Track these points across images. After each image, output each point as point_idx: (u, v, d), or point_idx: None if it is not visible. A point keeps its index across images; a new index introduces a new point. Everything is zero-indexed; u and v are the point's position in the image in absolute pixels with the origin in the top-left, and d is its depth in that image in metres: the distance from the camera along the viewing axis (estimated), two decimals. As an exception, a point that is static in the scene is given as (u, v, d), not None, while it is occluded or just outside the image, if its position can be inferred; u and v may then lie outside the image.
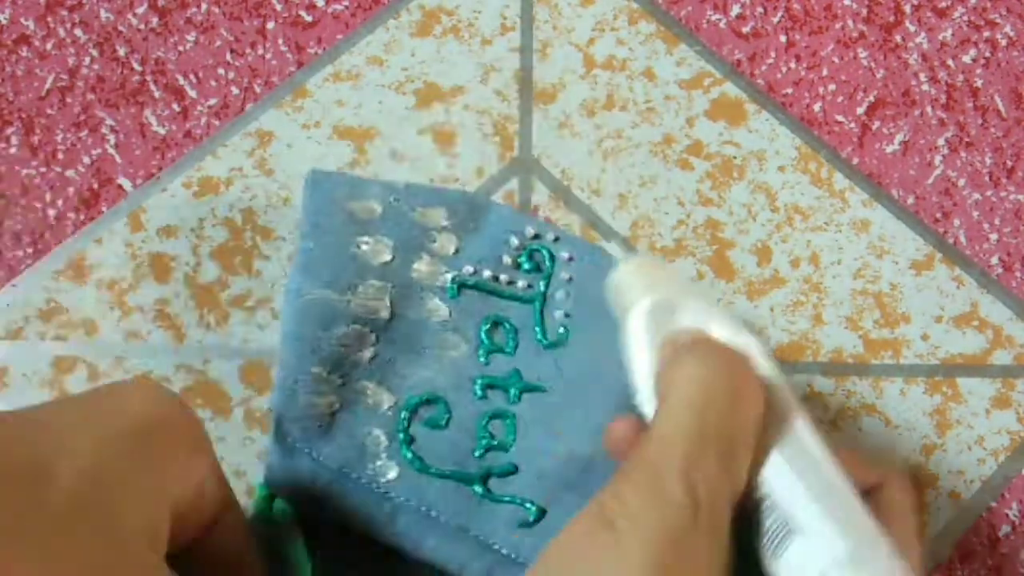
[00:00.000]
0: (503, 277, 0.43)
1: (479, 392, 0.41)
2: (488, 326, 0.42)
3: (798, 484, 0.24)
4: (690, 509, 0.21)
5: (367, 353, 0.41)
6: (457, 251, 0.43)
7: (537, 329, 0.42)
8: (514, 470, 0.40)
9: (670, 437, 0.23)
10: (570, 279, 0.43)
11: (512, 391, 0.41)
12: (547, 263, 0.43)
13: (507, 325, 0.42)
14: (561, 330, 0.42)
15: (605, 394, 0.40)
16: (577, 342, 0.42)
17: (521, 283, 0.43)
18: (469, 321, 0.42)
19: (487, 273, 0.43)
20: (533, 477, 0.40)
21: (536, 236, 0.44)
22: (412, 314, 0.42)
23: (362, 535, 0.40)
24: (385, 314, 0.42)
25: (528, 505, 0.40)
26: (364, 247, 0.42)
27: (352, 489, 0.40)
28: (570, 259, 0.43)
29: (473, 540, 0.39)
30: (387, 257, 0.42)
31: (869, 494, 0.27)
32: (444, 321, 0.42)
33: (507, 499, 0.40)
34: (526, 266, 0.43)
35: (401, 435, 0.40)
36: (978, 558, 0.42)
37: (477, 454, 0.40)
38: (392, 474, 0.40)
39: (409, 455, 0.40)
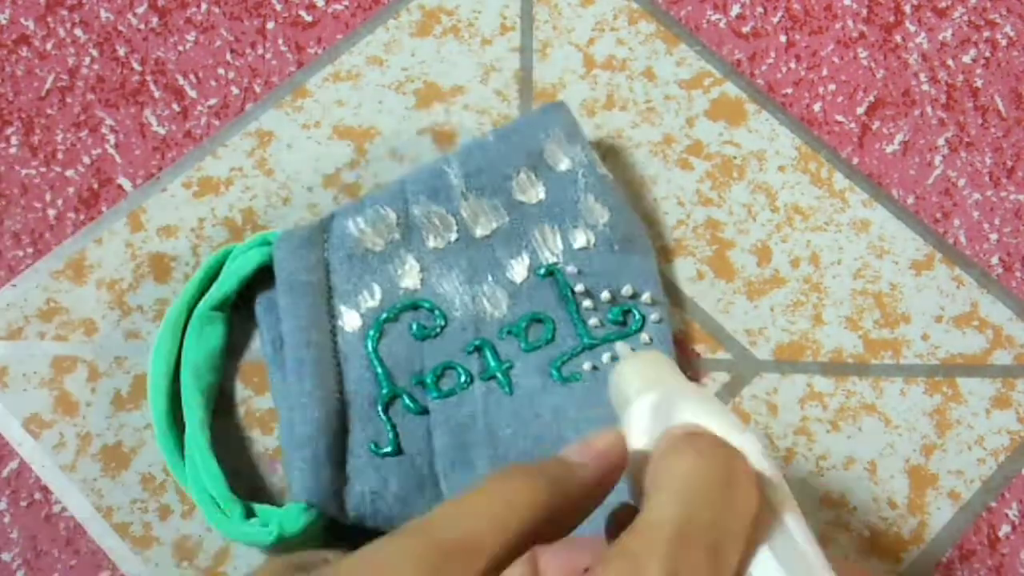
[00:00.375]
0: (587, 303, 0.43)
1: (470, 347, 0.42)
2: (534, 320, 0.43)
3: None
4: None
5: (437, 242, 0.43)
6: (583, 249, 0.43)
7: (562, 358, 0.42)
8: (418, 413, 0.41)
9: (655, 526, 0.22)
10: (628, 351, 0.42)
11: (490, 369, 0.42)
12: (633, 328, 0.43)
13: (547, 333, 0.42)
14: (575, 373, 0.42)
15: (527, 442, 0.40)
16: (574, 392, 0.42)
17: (594, 321, 0.43)
18: (527, 302, 0.43)
19: (581, 287, 0.43)
20: (422, 429, 0.41)
21: (652, 303, 0.43)
22: (499, 251, 0.43)
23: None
24: (480, 232, 0.43)
25: (392, 436, 0.40)
26: (522, 176, 0.44)
27: (313, 299, 0.42)
28: (648, 343, 0.43)
29: (331, 414, 0.40)
30: (532, 200, 0.44)
31: None
32: (512, 282, 0.43)
33: (387, 421, 0.40)
34: (613, 314, 0.43)
35: (387, 313, 0.42)
36: (978, 558, 0.42)
37: (413, 379, 0.41)
38: (350, 326, 0.42)
39: (375, 331, 0.42)
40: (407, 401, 0.41)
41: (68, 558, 0.41)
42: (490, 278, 0.43)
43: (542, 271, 0.43)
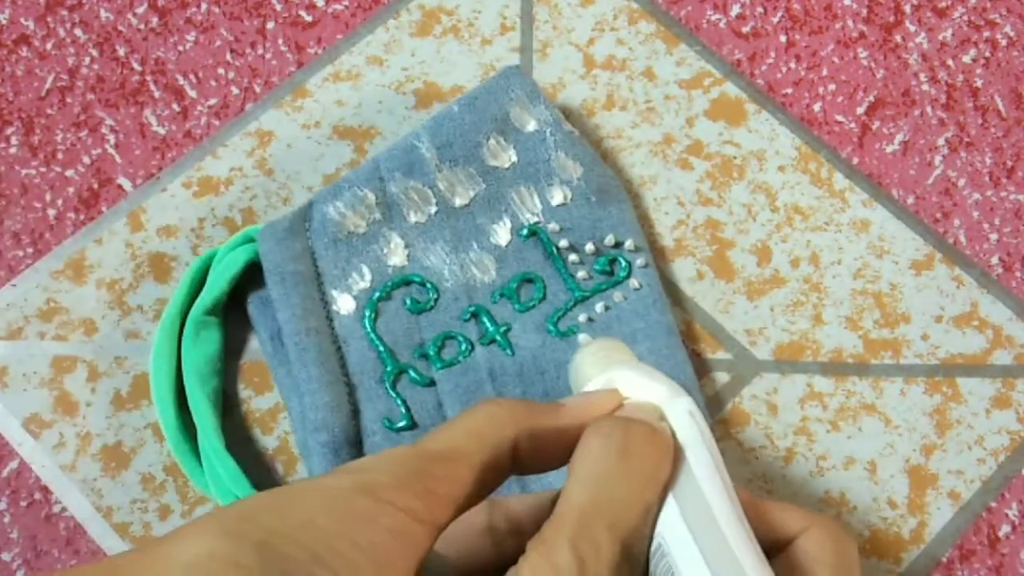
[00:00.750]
0: (573, 257, 0.43)
1: (466, 314, 0.42)
2: (524, 281, 0.43)
3: (687, 538, 0.25)
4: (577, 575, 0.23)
5: (418, 217, 0.43)
6: (561, 206, 0.44)
7: (557, 314, 0.43)
8: (426, 385, 0.41)
9: (564, 513, 0.24)
10: (621, 300, 0.43)
11: (489, 334, 0.42)
12: (621, 275, 0.44)
13: (539, 291, 0.43)
14: (572, 327, 0.43)
15: (536, 400, 0.41)
16: (573, 345, 0.42)
17: (582, 273, 0.43)
18: (514, 264, 0.43)
19: (564, 242, 0.43)
20: (432, 400, 0.41)
21: (636, 249, 0.44)
22: (480, 218, 0.44)
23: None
24: (459, 202, 0.44)
25: (404, 411, 0.41)
26: (492, 142, 0.44)
27: (305, 287, 0.42)
28: (638, 288, 0.43)
29: (341, 396, 0.41)
30: (505, 164, 0.44)
31: (788, 544, 0.27)
32: (497, 246, 0.44)
33: (396, 396, 0.41)
34: (599, 265, 0.44)
35: (379, 292, 0.42)
36: (978, 558, 0.42)
37: (416, 353, 0.42)
38: (344, 309, 0.42)
39: (371, 311, 0.42)
40: (413, 374, 0.41)
41: (68, 558, 0.41)
42: (475, 245, 0.43)
43: (525, 232, 0.44)
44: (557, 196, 0.44)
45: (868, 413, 0.44)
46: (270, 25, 0.51)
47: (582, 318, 0.43)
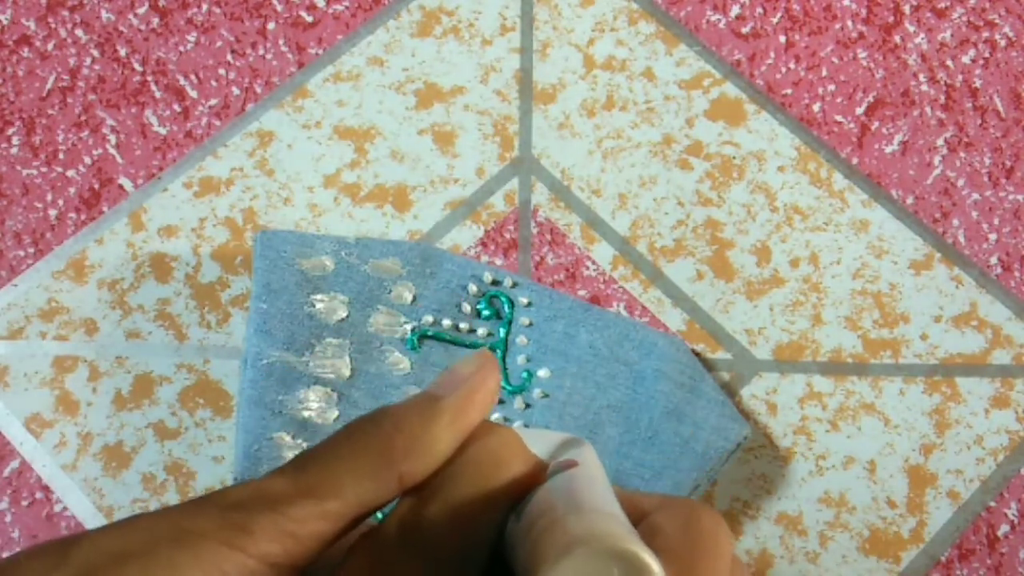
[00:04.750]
0: (463, 325, 0.43)
1: None
2: None
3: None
4: None
5: (331, 414, 0.42)
6: (415, 300, 0.44)
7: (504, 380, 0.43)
8: None
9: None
10: (530, 324, 0.43)
11: None
12: (506, 309, 0.44)
13: None
14: (524, 375, 0.43)
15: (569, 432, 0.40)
16: (539, 386, 0.42)
17: (482, 331, 0.43)
18: (431, 372, 0.43)
19: (447, 322, 0.43)
20: None
21: (495, 282, 0.44)
22: (373, 369, 0.42)
23: None
24: (346, 372, 0.42)
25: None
26: (319, 305, 0.43)
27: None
28: (529, 304, 0.44)
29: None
30: (343, 313, 0.43)
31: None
32: (406, 374, 0.43)
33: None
34: (485, 313, 0.44)
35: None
36: (977, 557, 0.42)
37: None
38: None
39: (380, 515, 0.39)
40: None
41: (69, 557, 0.41)
42: (390, 391, 0.42)
43: (412, 342, 0.43)
44: (403, 295, 0.43)
45: (867, 413, 0.44)
46: (271, 26, 0.51)
47: (520, 360, 0.43)
